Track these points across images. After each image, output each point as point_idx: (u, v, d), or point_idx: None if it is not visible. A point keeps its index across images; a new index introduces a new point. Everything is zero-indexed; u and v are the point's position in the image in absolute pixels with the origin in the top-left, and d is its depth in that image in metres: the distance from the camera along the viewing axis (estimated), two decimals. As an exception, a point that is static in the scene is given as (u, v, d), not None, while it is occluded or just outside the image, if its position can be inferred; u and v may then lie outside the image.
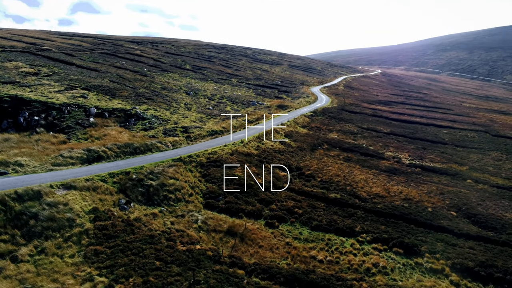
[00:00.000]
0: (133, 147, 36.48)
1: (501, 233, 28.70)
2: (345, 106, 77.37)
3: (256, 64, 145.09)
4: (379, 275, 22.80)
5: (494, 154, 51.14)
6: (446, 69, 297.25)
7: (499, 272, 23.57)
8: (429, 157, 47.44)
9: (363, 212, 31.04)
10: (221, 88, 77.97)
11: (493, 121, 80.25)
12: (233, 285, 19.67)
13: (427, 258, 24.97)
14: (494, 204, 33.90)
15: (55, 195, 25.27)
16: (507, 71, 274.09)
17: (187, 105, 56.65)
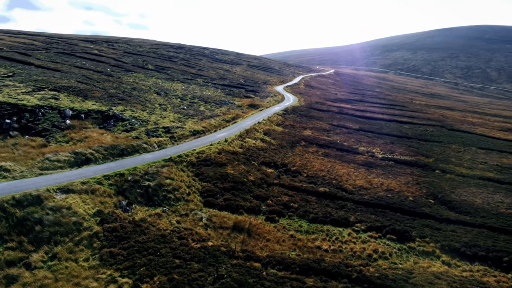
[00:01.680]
0: (120, 148, 35.78)
1: (476, 217, 31.74)
2: (313, 104, 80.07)
3: (216, 64, 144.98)
4: (381, 260, 24.56)
5: (454, 147, 55.71)
6: (393, 68, 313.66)
7: (482, 250, 26.24)
8: (398, 150, 50.75)
9: (353, 203, 32.91)
10: (190, 88, 77.51)
11: (444, 117, 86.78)
12: (254, 277, 20.39)
13: (418, 242, 27.17)
14: (464, 191, 37.25)
15: (56, 200, 24.49)
16: (447, 70, 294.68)
17: (162, 105, 55.98)
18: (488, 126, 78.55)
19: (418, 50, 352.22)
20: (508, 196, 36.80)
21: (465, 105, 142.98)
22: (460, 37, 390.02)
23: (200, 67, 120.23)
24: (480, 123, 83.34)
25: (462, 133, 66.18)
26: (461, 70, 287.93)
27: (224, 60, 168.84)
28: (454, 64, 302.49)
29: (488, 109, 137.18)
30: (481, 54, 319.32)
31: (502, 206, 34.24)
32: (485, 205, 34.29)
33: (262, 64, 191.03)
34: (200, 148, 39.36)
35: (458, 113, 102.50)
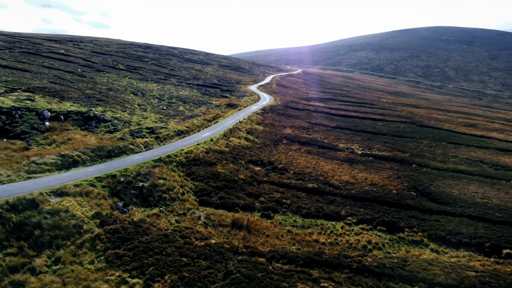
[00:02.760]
0: (106, 150, 35.10)
1: (455, 207, 33.78)
2: (289, 103, 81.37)
3: (187, 64, 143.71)
4: (375, 250, 25.76)
5: (425, 142, 58.58)
6: (358, 68, 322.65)
7: (465, 238, 28.06)
8: (376, 146, 52.77)
9: (341, 198, 34.09)
10: (165, 88, 76.61)
11: (412, 114, 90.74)
12: (261, 271, 20.89)
13: (407, 232, 28.63)
14: (442, 184, 39.44)
15: (51, 203, 23.87)
16: (408, 70, 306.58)
17: (141, 106, 55.14)
18: (453, 122, 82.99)
19: (381, 50, 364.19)
20: (481, 187, 39.34)
21: (428, 103, 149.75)
22: (419, 37, 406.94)
23: (172, 67, 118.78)
24: (445, 119, 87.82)
25: (431, 129, 69.59)
26: (422, 69, 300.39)
27: (194, 60, 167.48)
28: (415, 64, 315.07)
29: (449, 106, 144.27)
30: (440, 54, 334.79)
31: (477, 196, 36.59)
32: (462, 195, 36.52)
33: (232, 64, 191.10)
34: (187, 148, 39.27)
35: (423, 110, 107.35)
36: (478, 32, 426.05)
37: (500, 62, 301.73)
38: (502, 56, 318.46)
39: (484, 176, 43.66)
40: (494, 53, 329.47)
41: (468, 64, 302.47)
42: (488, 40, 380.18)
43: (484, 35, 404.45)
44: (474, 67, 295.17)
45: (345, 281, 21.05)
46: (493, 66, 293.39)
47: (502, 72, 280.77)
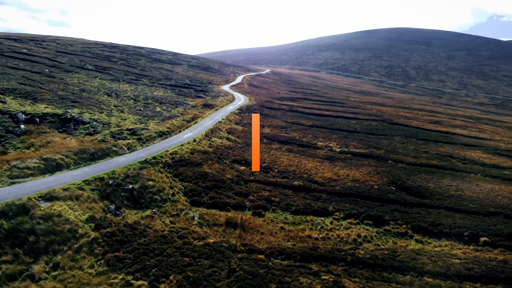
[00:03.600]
0: (90, 152, 34.28)
1: (433, 199, 35.67)
2: (264, 103, 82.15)
3: (157, 64, 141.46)
4: (365, 243, 26.86)
5: (398, 139, 61.13)
6: (324, 67, 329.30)
7: (446, 228, 29.79)
8: (352, 144, 54.52)
9: (327, 194, 35.10)
10: (139, 89, 75.26)
11: (381, 112, 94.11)
12: (263, 268, 21.35)
13: (392, 225, 30.00)
14: (418, 178, 41.45)
15: (42, 208, 23.19)
16: (372, 69, 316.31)
17: (118, 107, 53.99)
18: (419, 119, 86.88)
19: (346, 50, 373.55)
20: (453, 180, 41.69)
21: (393, 101, 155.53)
22: (381, 38, 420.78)
23: (142, 67, 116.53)
24: (412, 117, 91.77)
25: (401, 126, 72.62)
26: (385, 69, 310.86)
27: (163, 60, 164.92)
28: (378, 64, 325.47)
29: (412, 104, 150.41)
30: (401, 54, 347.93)
31: (451, 188, 38.79)
32: (437, 188, 38.59)
33: (201, 64, 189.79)
34: (172, 149, 39.01)
35: (390, 109, 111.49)
36: (435, 34, 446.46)
37: (457, 62, 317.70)
38: (458, 57, 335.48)
39: (454, 170, 46.25)
40: (451, 53, 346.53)
41: (427, 64, 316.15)
42: (445, 41, 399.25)
43: (441, 37, 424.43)
44: (433, 67, 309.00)
45: (342, 273, 21.91)
46: (451, 66, 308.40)
47: (459, 71, 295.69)
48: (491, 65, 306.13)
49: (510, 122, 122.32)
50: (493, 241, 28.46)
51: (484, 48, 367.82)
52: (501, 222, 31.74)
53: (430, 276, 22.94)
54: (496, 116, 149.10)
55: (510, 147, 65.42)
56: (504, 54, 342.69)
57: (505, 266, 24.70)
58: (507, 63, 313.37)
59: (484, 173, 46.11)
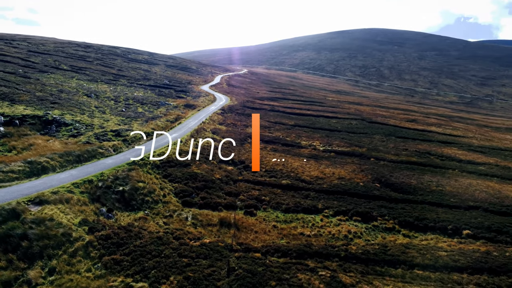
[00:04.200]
0: (75, 155, 33.58)
1: (416, 195, 36.93)
2: (245, 103, 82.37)
3: (134, 64, 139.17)
4: (356, 239, 27.57)
5: (378, 137, 62.72)
6: (300, 67, 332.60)
7: (430, 222, 30.91)
8: (335, 143, 55.56)
9: (315, 192, 35.73)
10: (118, 89, 73.95)
11: (360, 111, 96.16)
12: (261, 266, 21.63)
13: (380, 221, 30.89)
14: (400, 175, 42.75)
15: (33, 212, 22.64)
16: (347, 69, 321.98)
17: (99, 108, 52.94)
18: (396, 118, 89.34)
19: (322, 50, 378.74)
20: (434, 176, 43.23)
21: (369, 100, 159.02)
22: (356, 39, 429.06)
23: (119, 68, 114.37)
24: (389, 115, 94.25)
25: (380, 125, 74.50)
26: (360, 69, 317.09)
27: (139, 60, 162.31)
28: (353, 64, 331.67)
29: (387, 103, 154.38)
30: (375, 54, 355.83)
31: (432, 184, 40.25)
32: (419, 184, 39.94)
33: (179, 64, 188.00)
34: (159, 150, 38.67)
35: (368, 108, 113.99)
36: (407, 34, 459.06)
37: (428, 62, 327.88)
38: (429, 57, 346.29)
39: (433, 167, 47.95)
40: (422, 53, 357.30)
41: (400, 64, 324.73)
42: (416, 41, 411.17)
43: (413, 37, 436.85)
44: (405, 66, 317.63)
45: (338, 269, 22.47)
46: (422, 66, 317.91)
47: (430, 71, 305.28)
48: (460, 65, 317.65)
49: (479, 120, 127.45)
50: (475, 233, 29.79)
51: (453, 49, 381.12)
52: (480, 215, 33.24)
53: (420, 269, 23.84)
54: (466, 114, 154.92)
55: (482, 143, 68.34)
56: (472, 55, 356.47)
57: (488, 257, 25.94)
58: (474, 63, 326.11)
59: (461, 169, 48.06)
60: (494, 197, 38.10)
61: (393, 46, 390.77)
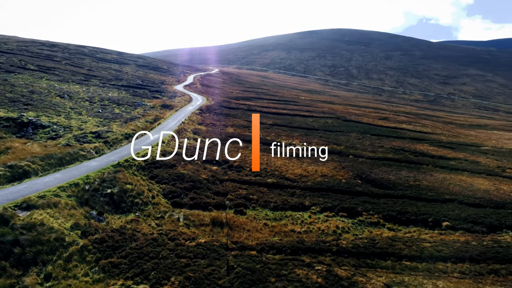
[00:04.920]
0: (57, 158, 32.59)
1: (396, 190, 38.40)
2: (222, 103, 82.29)
3: (103, 64, 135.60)
4: (345, 234, 28.45)
5: (354, 135, 64.48)
6: (271, 67, 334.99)
7: (412, 215, 32.31)
8: (314, 141, 56.68)
9: (300, 190, 36.43)
10: (91, 90, 71.98)
11: (334, 110, 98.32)
12: (259, 263, 21.98)
13: (365, 215, 31.96)
14: (379, 171, 44.27)
15: (21, 217, 21.93)
16: (317, 69, 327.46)
17: (74, 109, 51.44)
18: (369, 116, 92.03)
19: (292, 50, 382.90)
20: (410, 172, 45.06)
21: (340, 99, 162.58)
22: (325, 38, 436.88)
23: (89, 68, 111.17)
24: (361, 114, 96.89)
25: (354, 123, 76.57)
26: (329, 68, 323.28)
27: (108, 60, 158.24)
28: (322, 63, 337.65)
29: (357, 102, 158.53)
30: (343, 54, 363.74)
31: (410, 179, 41.96)
32: (398, 180, 41.54)
33: (149, 64, 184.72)
34: (143, 151, 38.16)
35: (340, 106, 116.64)
36: (373, 35, 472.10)
37: (394, 62, 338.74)
38: (395, 57, 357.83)
39: (408, 162, 49.94)
40: (388, 53, 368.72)
41: (368, 63, 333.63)
42: (382, 42, 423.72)
43: (379, 37, 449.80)
44: (373, 66, 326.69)
45: (332, 263, 23.17)
46: (388, 65, 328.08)
47: (396, 70, 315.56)
48: (424, 65, 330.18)
49: (444, 117, 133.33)
50: (453, 225, 31.41)
51: (417, 49, 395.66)
52: (457, 208, 35.03)
53: (407, 260, 24.96)
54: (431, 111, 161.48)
55: (450, 139, 71.74)
56: (434, 54, 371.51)
57: (468, 246, 27.49)
58: (437, 63, 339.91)
59: (434, 164, 50.30)
60: (467, 190, 40.24)
61: (361, 46, 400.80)
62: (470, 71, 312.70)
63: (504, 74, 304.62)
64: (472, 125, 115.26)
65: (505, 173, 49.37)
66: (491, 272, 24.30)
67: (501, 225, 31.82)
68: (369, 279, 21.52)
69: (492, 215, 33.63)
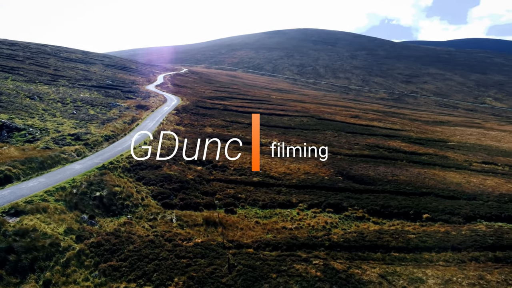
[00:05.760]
0: (38, 161, 31.48)
1: (376, 185, 39.89)
2: (197, 103, 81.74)
3: (69, 63, 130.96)
4: (334, 229, 29.35)
5: (329, 133, 66.09)
6: (240, 66, 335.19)
7: (394, 209, 33.75)
8: (292, 139, 57.64)
9: (286, 188, 37.08)
10: (61, 91, 69.50)
11: (307, 109, 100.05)
12: (258, 260, 22.38)
13: (350, 210, 33.07)
14: (358, 167, 45.75)
15: (12, 223, 21.18)
16: (285, 68, 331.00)
17: (48, 111, 49.61)
18: (341, 114, 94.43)
19: (260, 49, 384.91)
20: (387, 167, 46.87)
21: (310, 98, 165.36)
22: (292, 38, 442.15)
23: (55, 67, 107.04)
24: (334, 112, 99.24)
25: (328, 121, 78.39)
26: (297, 68, 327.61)
27: (73, 59, 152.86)
28: (290, 63, 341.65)
29: (326, 100, 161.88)
30: (311, 53, 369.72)
31: (388, 175, 43.68)
32: (377, 175, 43.13)
33: (116, 63, 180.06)
34: (126, 152, 37.52)
35: (312, 105, 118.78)
36: (339, 35, 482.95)
37: (359, 61, 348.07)
38: (360, 56, 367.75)
39: (384, 158, 51.89)
40: (354, 53, 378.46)
41: (334, 62, 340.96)
42: (348, 41, 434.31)
43: (344, 37, 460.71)
44: (339, 65, 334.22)
45: (327, 257, 23.94)
46: (354, 65, 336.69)
47: (361, 70, 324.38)
48: (388, 64, 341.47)
49: (409, 114, 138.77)
50: (432, 216, 33.10)
51: (380, 49, 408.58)
52: (434, 200, 36.90)
53: (395, 251, 26.15)
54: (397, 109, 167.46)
55: (419, 136, 74.98)
56: (397, 54, 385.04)
57: (448, 236, 29.11)
58: (399, 62, 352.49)
59: (408, 159, 52.54)
60: (441, 183, 42.42)
61: (327, 46, 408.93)
62: (431, 70, 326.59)
63: (462, 73, 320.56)
64: (435, 121, 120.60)
65: (472, 166, 52.34)
66: (472, 259, 25.92)
67: (475, 215, 33.88)
68: (364, 271, 22.45)
69: (466, 206, 35.72)
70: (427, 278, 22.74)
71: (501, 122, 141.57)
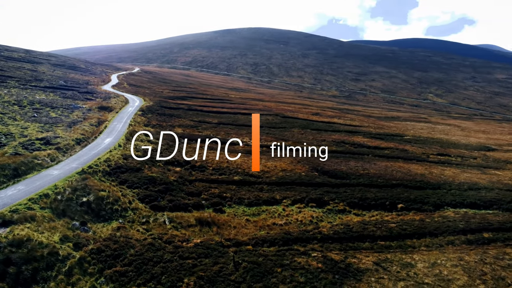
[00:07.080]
0: (11, 168, 29.69)
1: (351, 179, 41.78)
2: (161, 103, 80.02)
3: (14, 63, 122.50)
4: (320, 222, 30.55)
5: (296, 130, 67.78)
6: (194, 65, 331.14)
7: (372, 201, 35.69)
8: (263, 138, 58.51)
9: (267, 185, 37.82)
10: (13, 92, 65.13)
11: (269, 107, 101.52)
12: (259, 256, 22.89)
13: (332, 204, 34.49)
14: (331, 163, 47.59)
15: (3, 234, 20.02)
16: (240, 67, 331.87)
17: (6, 114, 46.45)
18: (303, 112, 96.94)
19: (213, 48, 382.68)
20: (357, 162, 49.19)
21: (267, 97, 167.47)
22: (244, 37, 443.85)
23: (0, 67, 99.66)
24: (295, 110, 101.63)
25: (293, 119, 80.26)
26: (251, 67, 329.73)
27: (17, 58, 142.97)
28: (244, 61, 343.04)
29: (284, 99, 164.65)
30: (264, 52, 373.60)
31: (359, 169, 45.88)
32: (349, 170, 45.16)
33: (64, 63, 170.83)
34: (103, 155, 36.28)
35: (271, 104, 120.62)
36: (291, 34, 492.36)
37: (311, 60, 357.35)
38: (311, 55, 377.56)
39: (352, 153, 54.34)
40: (305, 52, 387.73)
41: (287, 61, 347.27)
42: (299, 40, 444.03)
43: (296, 37, 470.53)
44: (292, 64, 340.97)
45: (323, 249, 25.00)
46: (306, 63, 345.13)
47: (313, 68, 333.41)
48: (338, 63, 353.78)
49: (362, 111, 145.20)
50: (406, 206, 35.43)
51: (330, 48, 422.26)
52: (404, 191, 39.39)
53: (381, 240, 27.80)
54: (350, 106, 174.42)
55: (378, 131, 79.07)
56: (346, 53, 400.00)
57: (424, 223, 31.37)
58: (348, 61, 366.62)
59: (373, 154, 55.40)
60: (407, 175, 45.32)
61: (280, 45, 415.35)
62: (378, 69, 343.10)
63: (405, 71, 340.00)
64: (387, 117, 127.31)
65: (430, 158, 56.32)
66: (449, 243, 28.20)
67: (442, 203, 36.70)
68: (360, 260, 23.78)
69: (433, 195, 38.57)
70: (415, 262, 24.55)
71: (443, 117, 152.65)
